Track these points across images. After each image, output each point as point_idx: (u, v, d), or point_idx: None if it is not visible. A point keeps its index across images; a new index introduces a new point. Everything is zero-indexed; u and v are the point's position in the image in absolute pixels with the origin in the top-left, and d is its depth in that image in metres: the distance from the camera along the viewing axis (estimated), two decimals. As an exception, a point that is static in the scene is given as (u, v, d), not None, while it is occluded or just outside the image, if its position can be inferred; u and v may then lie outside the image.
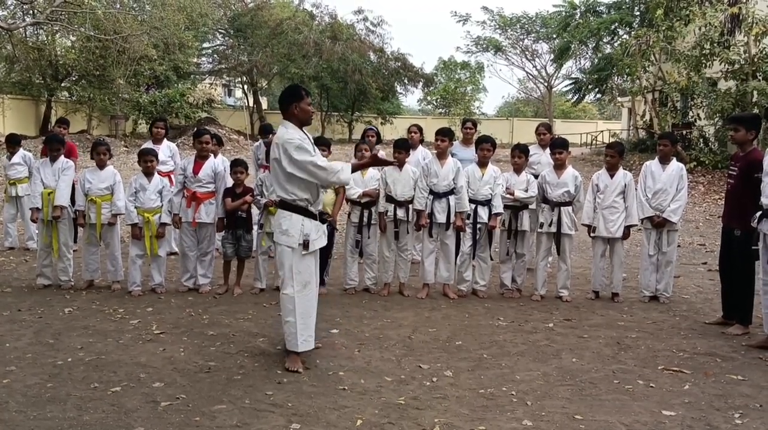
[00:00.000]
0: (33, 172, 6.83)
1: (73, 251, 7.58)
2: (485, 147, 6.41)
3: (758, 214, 4.87)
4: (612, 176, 6.37)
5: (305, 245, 4.27)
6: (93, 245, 6.42)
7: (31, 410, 3.62)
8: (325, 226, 4.53)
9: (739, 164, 5.39)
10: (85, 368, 4.28)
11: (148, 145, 7.49)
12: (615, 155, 6.42)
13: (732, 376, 4.36)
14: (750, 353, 4.87)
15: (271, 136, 7.16)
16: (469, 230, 6.32)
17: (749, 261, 5.17)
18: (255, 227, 6.59)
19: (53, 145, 6.57)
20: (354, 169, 4.55)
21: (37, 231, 7.73)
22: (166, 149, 7.78)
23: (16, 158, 8.09)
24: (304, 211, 4.32)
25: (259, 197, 6.28)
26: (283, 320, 4.36)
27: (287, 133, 4.26)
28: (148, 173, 6.27)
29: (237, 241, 6.32)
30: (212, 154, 6.63)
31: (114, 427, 3.43)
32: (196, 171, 6.31)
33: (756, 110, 15.71)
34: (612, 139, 26.96)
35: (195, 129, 7.41)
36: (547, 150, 7.19)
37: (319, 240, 4.40)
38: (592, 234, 6.48)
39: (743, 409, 3.82)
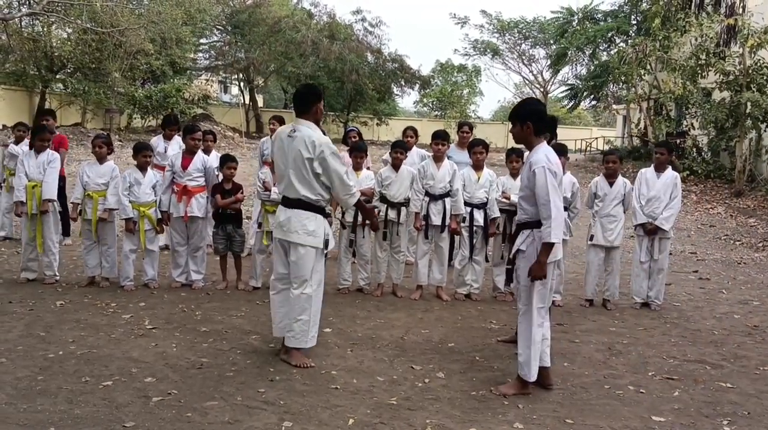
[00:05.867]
0: (18, 164, 6.56)
1: (65, 244, 7.55)
2: (477, 150, 6.40)
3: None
4: (611, 184, 6.38)
5: (326, 244, 4.37)
6: (89, 240, 6.27)
7: (21, 402, 3.61)
8: None
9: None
10: (77, 361, 4.27)
11: (156, 140, 7.48)
12: (617, 161, 6.44)
13: (721, 383, 4.40)
14: (738, 361, 4.90)
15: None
16: (466, 233, 6.33)
17: None
18: (254, 226, 6.58)
19: (42, 136, 6.40)
20: (357, 204, 4.62)
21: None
22: (175, 145, 7.64)
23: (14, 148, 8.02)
24: (324, 212, 4.42)
25: (260, 189, 6.19)
26: (295, 318, 4.35)
27: (320, 135, 4.37)
28: (143, 168, 6.25)
29: (228, 237, 6.31)
30: (203, 150, 6.62)
31: (105, 421, 3.42)
32: (185, 166, 6.28)
33: (749, 121, 15.85)
34: (606, 146, 27.24)
35: (184, 125, 7.37)
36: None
37: (332, 239, 4.51)
38: (590, 242, 6.48)
39: (731, 416, 3.85)
